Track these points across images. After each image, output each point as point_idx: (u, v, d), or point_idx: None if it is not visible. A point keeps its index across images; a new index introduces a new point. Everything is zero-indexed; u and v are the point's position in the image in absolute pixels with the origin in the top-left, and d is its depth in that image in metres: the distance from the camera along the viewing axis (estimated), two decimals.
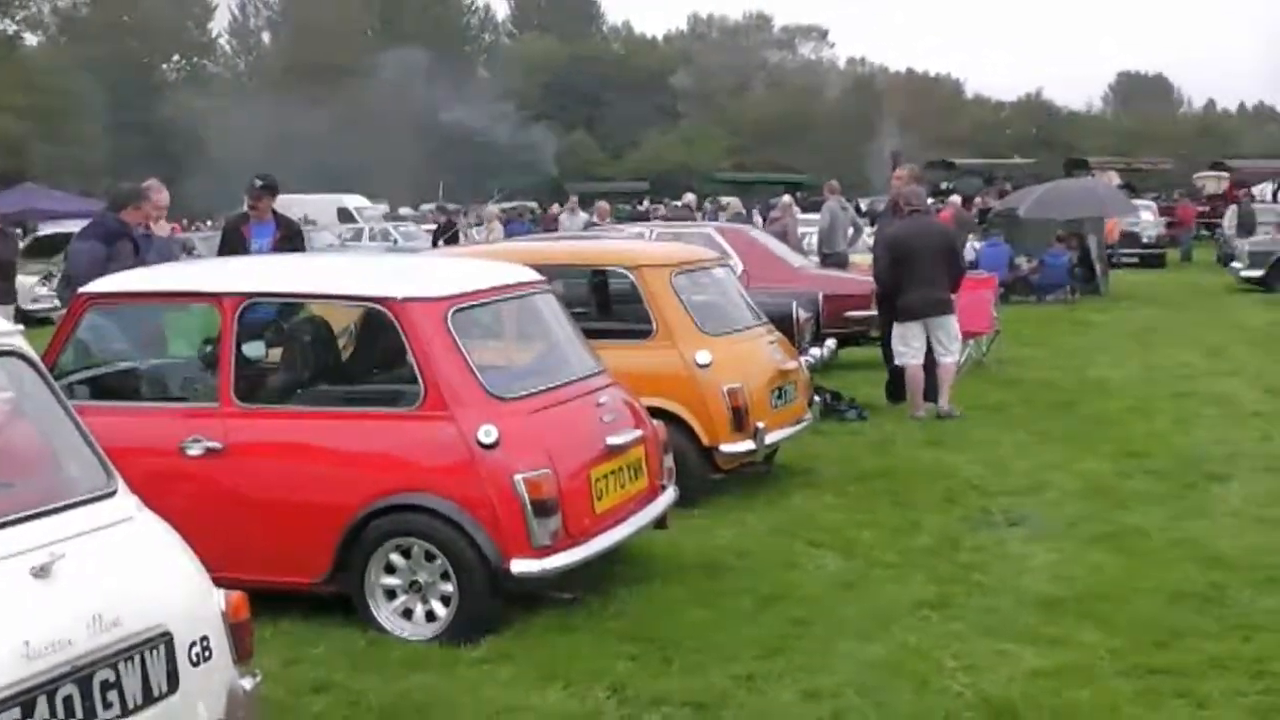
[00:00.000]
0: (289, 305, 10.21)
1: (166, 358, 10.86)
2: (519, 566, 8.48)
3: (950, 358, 16.18)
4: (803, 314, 16.89)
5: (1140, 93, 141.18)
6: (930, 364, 16.15)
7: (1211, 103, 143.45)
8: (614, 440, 9.29)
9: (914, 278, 15.89)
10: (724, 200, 44.46)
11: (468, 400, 8.67)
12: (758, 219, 39.39)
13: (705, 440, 11.87)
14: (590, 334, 10.81)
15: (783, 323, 15.11)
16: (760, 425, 12.00)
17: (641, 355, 11.86)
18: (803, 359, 14.30)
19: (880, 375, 17.39)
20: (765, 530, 11.13)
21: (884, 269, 16.12)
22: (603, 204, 34.81)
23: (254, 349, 10.02)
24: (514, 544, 8.48)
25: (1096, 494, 12.23)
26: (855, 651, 8.26)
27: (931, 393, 16.20)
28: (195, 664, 5.44)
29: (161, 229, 15.40)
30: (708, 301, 12.95)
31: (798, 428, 12.97)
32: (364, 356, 10.13)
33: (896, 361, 16.32)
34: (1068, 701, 7.42)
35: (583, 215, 32.46)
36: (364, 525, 8.66)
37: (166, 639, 5.33)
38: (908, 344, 16.02)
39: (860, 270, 21.93)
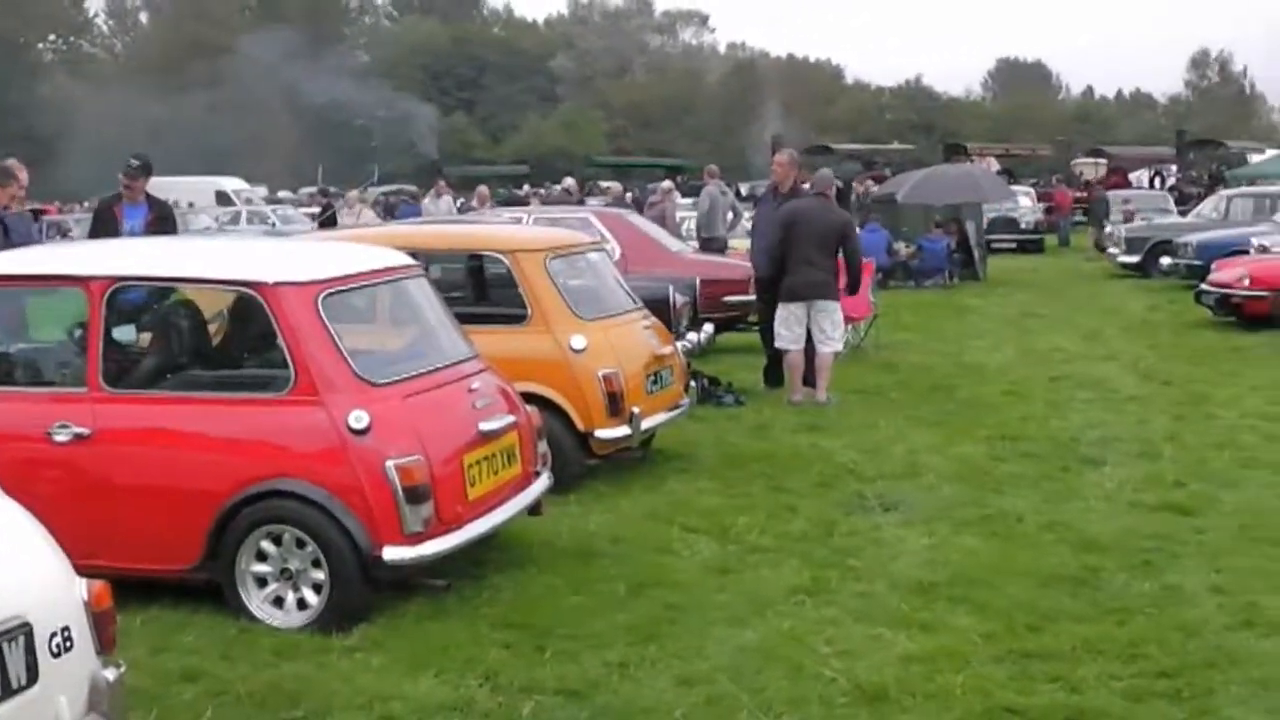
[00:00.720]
0: (159, 289, 10.03)
1: (34, 342, 10.67)
2: (391, 553, 8.41)
3: (829, 347, 16.14)
4: (680, 299, 16.86)
5: (1019, 79, 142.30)
6: (810, 350, 16.17)
7: (1090, 89, 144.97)
8: (487, 426, 9.22)
9: (800, 259, 15.89)
10: (604, 184, 44.46)
11: (339, 385, 8.58)
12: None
13: (580, 426, 11.83)
14: (465, 319, 10.75)
15: (660, 307, 15.07)
16: (636, 410, 11.97)
17: (516, 340, 11.81)
18: (679, 344, 14.27)
19: (758, 360, 17.41)
20: (640, 516, 11.08)
21: (774, 246, 16.08)
22: (482, 188, 34.55)
23: (124, 333, 9.87)
24: (386, 531, 8.40)
25: (971, 478, 12.29)
26: (729, 637, 8.25)
27: (810, 378, 16.24)
28: (56, 655, 5.31)
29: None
30: (583, 286, 12.89)
31: (674, 413, 12.97)
32: (235, 341, 9.98)
33: (776, 345, 16.32)
34: (941, 686, 7.43)
35: (447, 199, 32.13)
36: (235, 512, 8.54)
37: (25, 630, 5.20)
38: (789, 328, 16.01)
39: (739, 255, 21.93)
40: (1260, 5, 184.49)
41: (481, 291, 13.31)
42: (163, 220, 15.21)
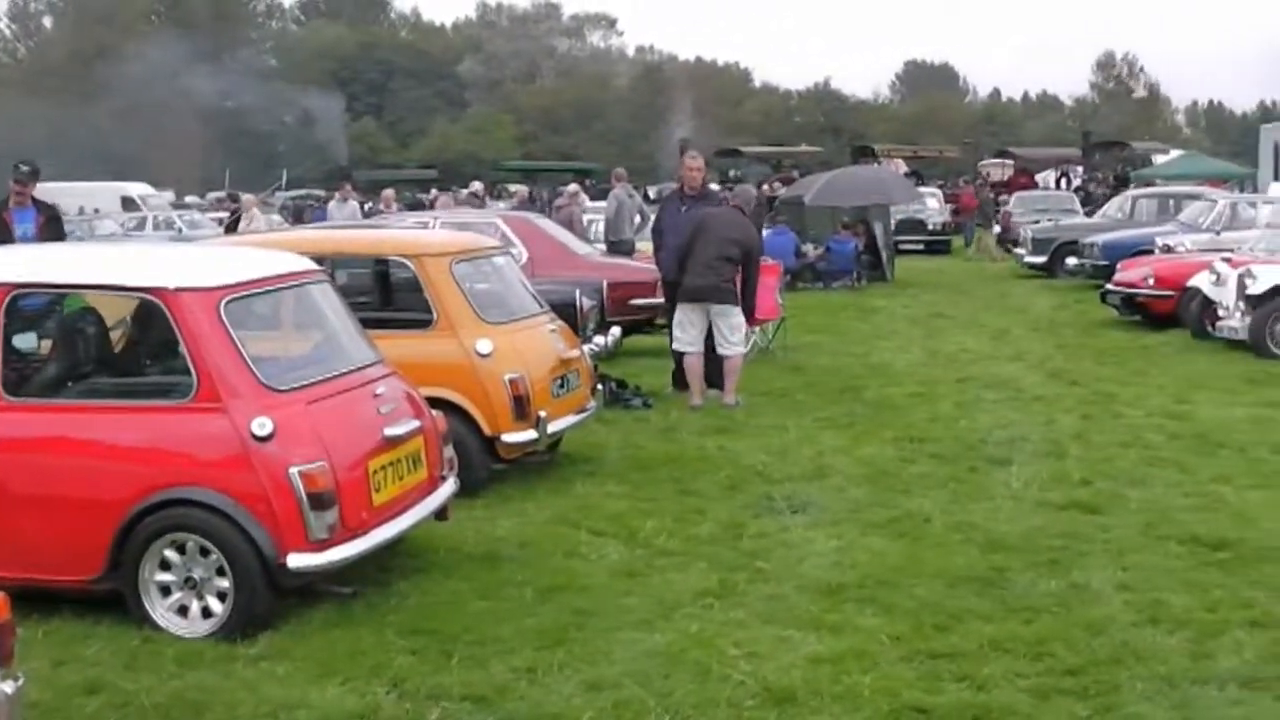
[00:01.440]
0: (59, 296, 9.91)
1: None
2: (296, 561, 8.34)
3: (733, 350, 16.15)
4: (586, 302, 16.83)
5: (927, 81, 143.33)
6: (712, 353, 16.18)
7: (997, 92, 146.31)
8: (392, 431, 9.16)
9: (701, 262, 15.89)
10: (512, 188, 44.44)
11: (241, 392, 8.50)
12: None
13: (487, 430, 11.79)
14: (371, 324, 10.72)
15: (566, 311, 15.04)
16: (542, 414, 11.95)
17: (422, 345, 11.77)
18: (586, 347, 14.25)
19: (666, 363, 17.39)
20: (547, 520, 11.05)
21: (681, 247, 16.07)
22: (388, 191, 34.39)
23: (24, 341, 9.76)
24: (290, 538, 8.33)
25: (879, 479, 12.33)
26: (637, 641, 8.22)
27: (714, 381, 16.25)
28: None
29: None
30: (489, 290, 12.84)
31: (581, 416, 12.93)
32: (137, 348, 9.89)
33: (674, 347, 16.35)
34: (848, 687, 7.44)
35: (353, 204, 31.94)
36: (138, 521, 8.44)
37: None
38: (685, 330, 16.04)
39: (646, 258, 21.92)
40: (1165, 8, 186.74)
41: (387, 296, 13.25)
42: (53, 221, 15.48)
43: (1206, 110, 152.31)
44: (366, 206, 34.86)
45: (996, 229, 44.27)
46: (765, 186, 49.40)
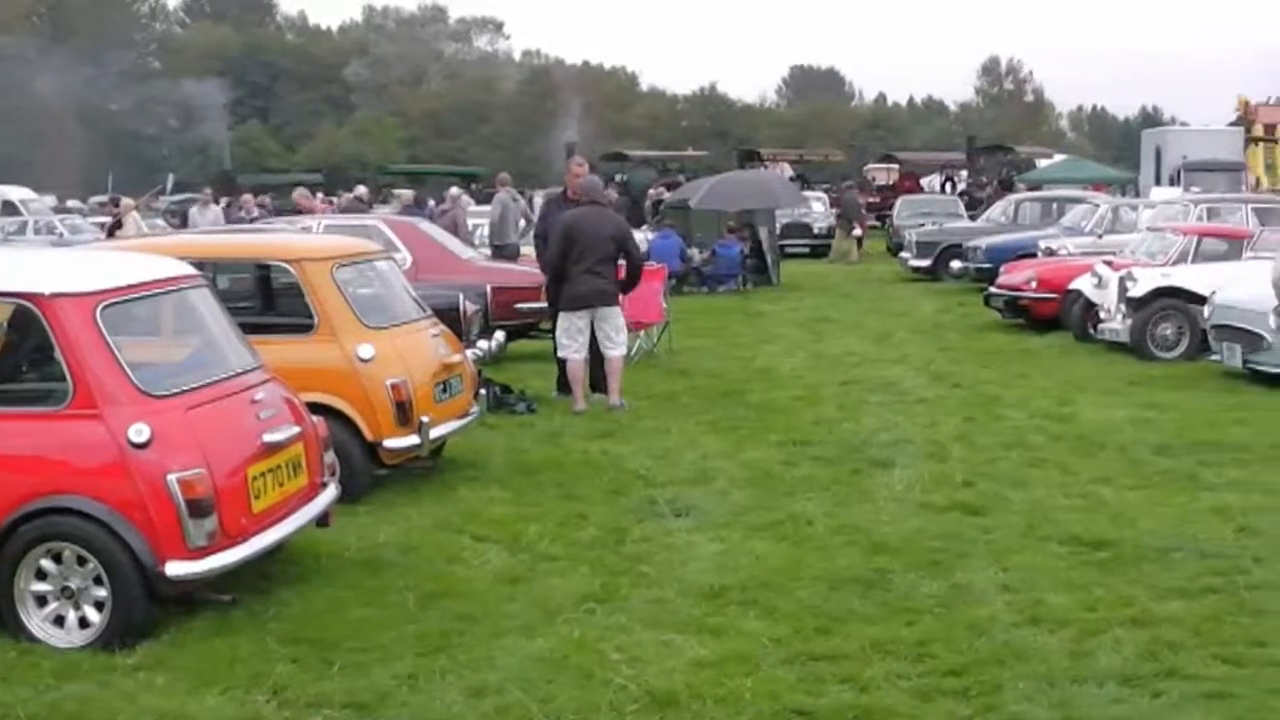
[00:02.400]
0: None
1: None
2: (174, 569, 8.26)
3: (617, 350, 16.22)
4: (470, 306, 16.76)
5: (813, 85, 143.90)
6: (596, 356, 16.21)
7: (882, 96, 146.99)
8: (271, 437, 9.09)
9: (583, 266, 15.90)
10: (397, 192, 44.26)
11: (118, 398, 8.40)
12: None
13: (369, 435, 11.71)
14: (252, 329, 10.64)
15: (450, 315, 14.97)
16: (425, 419, 11.89)
17: (303, 350, 11.68)
18: (470, 352, 14.19)
19: (551, 367, 17.37)
20: (430, 525, 11.00)
21: (555, 255, 16.05)
22: (247, 196, 34.10)
23: None
24: (169, 546, 8.25)
25: (762, 483, 12.37)
26: (519, 646, 8.21)
27: (598, 385, 16.26)
28: None
29: None
30: (371, 295, 12.78)
31: (464, 421, 12.89)
32: (12, 354, 9.71)
33: (559, 354, 16.33)
34: (730, 690, 7.45)
35: (215, 210, 31.63)
36: (12, 529, 8.32)
37: None
38: (573, 337, 16.04)
39: (531, 262, 21.89)
40: (1049, 14, 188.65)
41: (268, 301, 13.18)
42: None
43: (1090, 115, 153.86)
44: (223, 205, 34.48)
45: (856, 231, 44.57)
46: (652, 190, 49.50)
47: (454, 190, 33.21)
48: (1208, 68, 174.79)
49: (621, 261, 16.27)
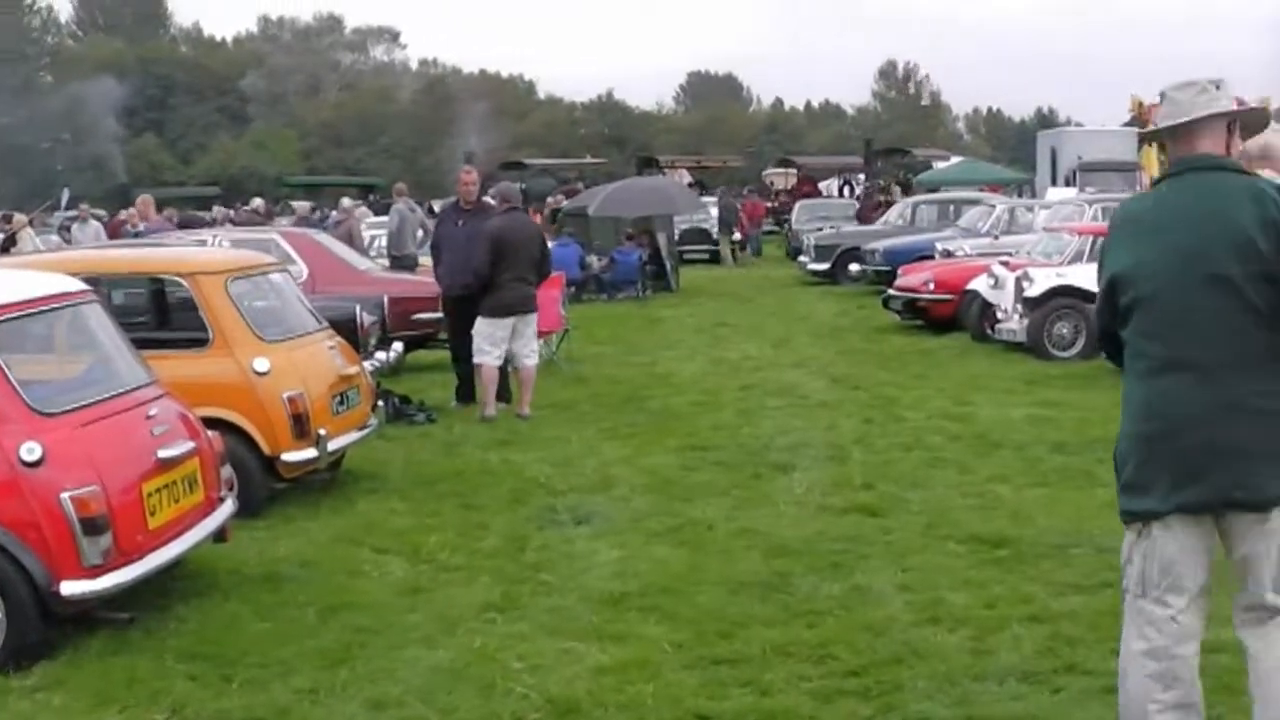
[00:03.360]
0: None
1: None
2: (69, 588, 8.17)
3: (533, 360, 16.29)
4: (367, 318, 16.69)
5: (711, 91, 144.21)
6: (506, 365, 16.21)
7: (780, 101, 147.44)
8: (166, 453, 9.01)
9: (512, 274, 15.94)
10: (295, 204, 44.06)
11: (9, 416, 8.30)
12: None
13: (266, 449, 11.61)
14: (146, 344, 10.57)
15: (347, 327, 14.93)
16: (322, 432, 11.82)
17: (198, 364, 11.57)
18: (368, 363, 14.15)
19: (450, 377, 17.34)
20: (330, 539, 10.94)
21: (485, 264, 16.01)
22: (131, 211, 33.78)
23: None
24: (63, 564, 8.15)
25: (662, 488, 12.37)
26: (421, 658, 8.17)
27: (502, 394, 16.26)
28: None
29: None
30: (266, 307, 12.69)
31: (363, 433, 12.84)
32: None
33: (477, 360, 16.23)
34: (632, 697, 7.43)
35: (95, 225, 31.31)
36: None
37: None
38: (495, 343, 16.01)
39: (429, 272, 21.85)
40: (945, 17, 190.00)
41: (162, 316, 13.10)
42: None
43: (986, 117, 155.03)
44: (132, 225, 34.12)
45: (736, 235, 44.82)
46: (550, 199, 49.48)
47: (347, 201, 33.11)
48: (1102, 69, 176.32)
49: None
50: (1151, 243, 5.83)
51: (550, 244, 31.50)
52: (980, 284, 22.47)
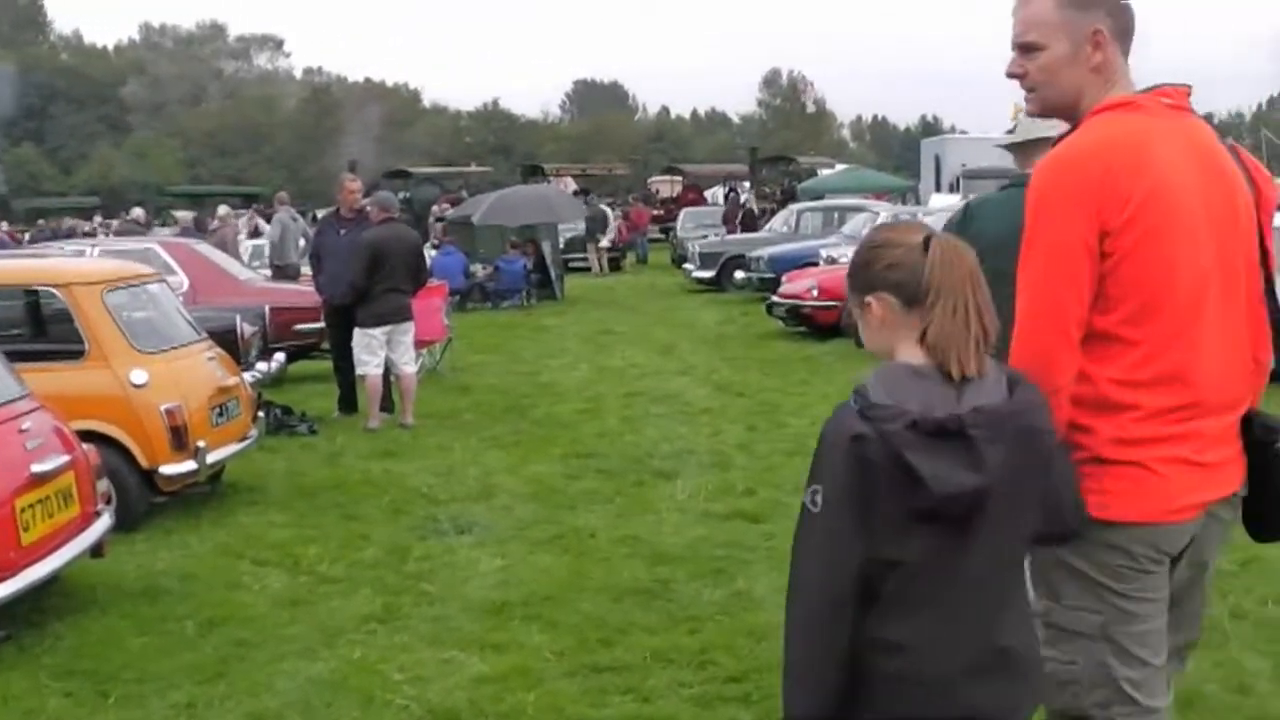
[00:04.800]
0: None
1: None
2: None
3: (412, 367, 16.27)
4: (248, 328, 16.60)
5: (597, 99, 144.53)
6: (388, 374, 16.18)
7: (665, 109, 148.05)
8: (39, 468, 8.89)
9: (388, 285, 15.92)
10: (177, 214, 43.76)
11: None
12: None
13: (144, 462, 11.47)
14: (20, 356, 10.46)
15: (228, 337, 14.83)
16: (202, 444, 11.69)
17: (74, 377, 11.40)
18: (249, 374, 14.05)
19: (332, 388, 17.25)
20: (210, 552, 10.84)
21: (361, 274, 15.96)
22: None
23: None
24: None
25: (545, 497, 12.35)
26: (300, 670, 8.11)
27: (387, 403, 16.23)
28: None
29: None
30: (144, 318, 12.54)
31: (243, 445, 12.71)
32: None
33: (359, 371, 16.19)
34: (513, 706, 7.42)
35: None
36: None
37: None
38: (373, 352, 15.94)
39: (311, 282, 21.76)
40: (830, 26, 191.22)
41: (37, 327, 12.93)
42: None
43: (871, 125, 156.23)
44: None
45: (605, 241, 44.98)
46: (435, 207, 49.36)
47: (223, 209, 32.96)
48: (986, 77, 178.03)
49: None
50: (995, 235, 5.65)
51: (434, 253, 31.68)
52: None
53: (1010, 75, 4.61)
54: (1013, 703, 3.91)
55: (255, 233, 36.52)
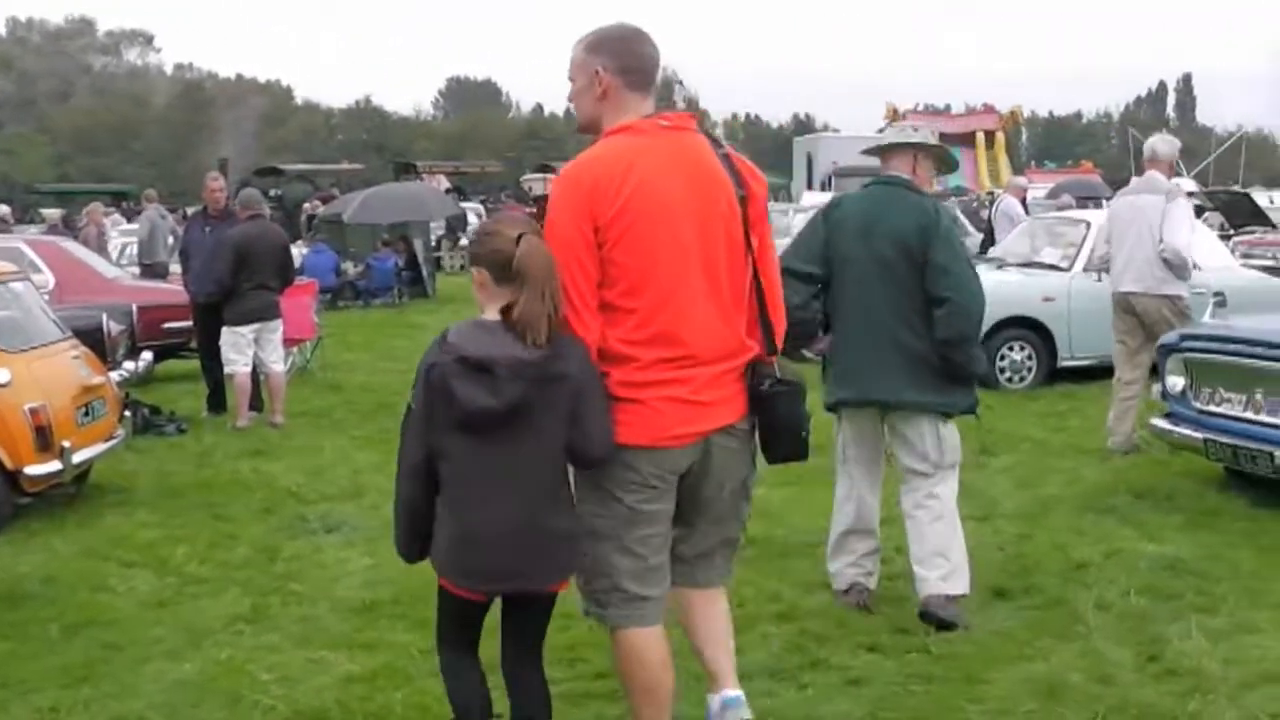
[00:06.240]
0: None
1: None
2: None
3: (281, 365, 16.19)
4: (115, 327, 16.42)
5: (470, 97, 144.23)
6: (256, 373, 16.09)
7: (539, 107, 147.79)
8: None
9: (255, 282, 15.83)
10: (45, 212, 43.30)
11: None
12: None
13: (8, 463, 11.31)
14: None
15: (94, 336, 14.67)
16: (67, 444, 11.55)
17: None
18: (115, 374, 13.92)
19: (202, 387, 17.12)
20: (75, 553, 10.69)
21: (227, 272, 15.83)
22: None
23: None
24: None
25: None
26: (166, 672, 8.03)
27: (256, 401, 16.13)
28: None
29: None
30: (6, 317, 12.38)
31: (109, 444, 12.57)
32: None
33: (228, 370, 16.09)
34: (381, 705, 7.38)
35: None
36: None
37: None
38: (241, 351, 15.86)
39: (180, 280, 21.58)
40: (698, 22, 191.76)
41: None
42: None
43: (744, 123, 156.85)
44: None
45: (463, 241, 45.02)
46: (306, 205, 49.07)
47: (91, 206, 32.67)
48: (858, 77, 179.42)
49: None
50: (849, 229, 8.62)
51: (305, 251, 31.54)
52: None
53: (567, 100, 6.07)
54: (539, 571, 5.68)
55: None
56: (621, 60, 5.85)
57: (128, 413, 13.80)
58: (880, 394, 8.60)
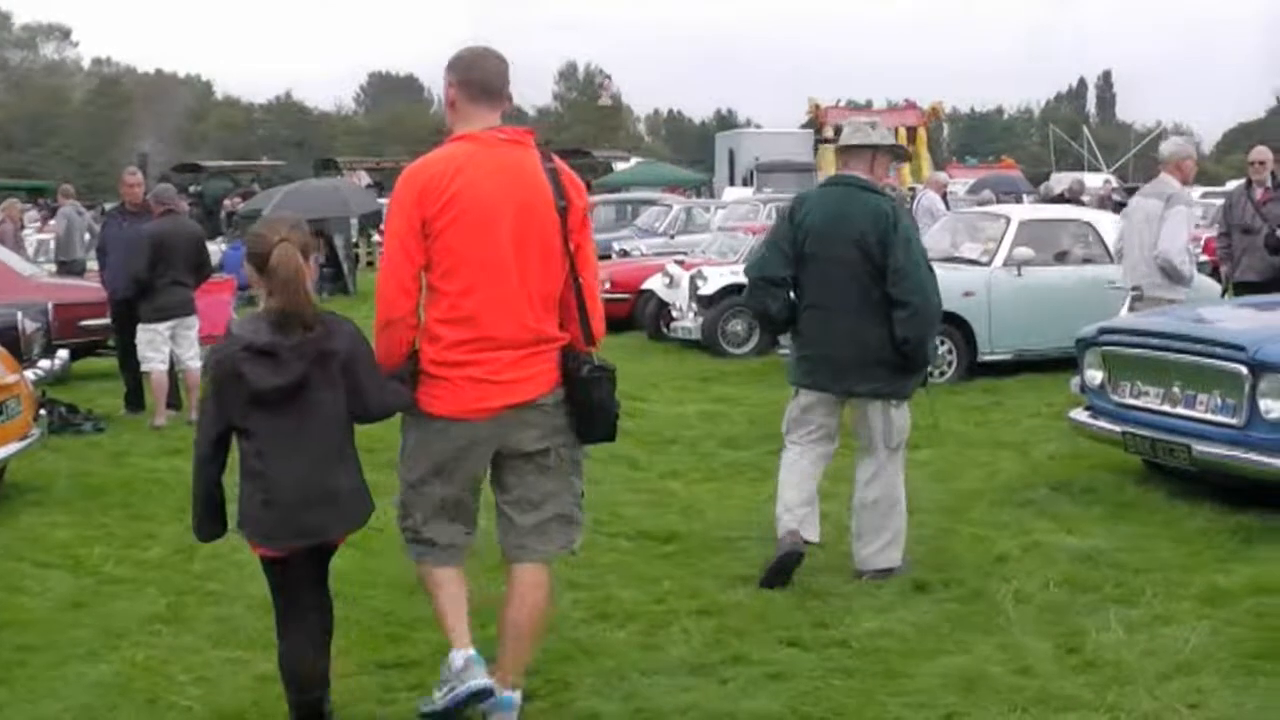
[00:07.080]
0: None
1: None
2: None
3: (197, 363, 16.02)
4: (30, 325, 16.28)
5: (391, 92, 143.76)
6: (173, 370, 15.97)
7: None
8: None
9: (170, 278, 15.72)
10: None
11: None
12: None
13: None
14: None
15: (8, 334, 14.53)
16: None
17: None
18: (30, 372, 13.77)
19: (119, 385, 16.99)
20: None
21: (142, 268, 15.69)
22: None
23: None
24: None
25: None
26: (83, 674, 7.96)
27: (174, 399, 16.02)
28: None
29: None
30: None
31: (23, 444, 12.41)
32: None
33: (144, 367, 15.97)
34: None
35: None
36: None
37: None
38: (157, 348, 15.78)
39: (96, 277, 21.38)
40: (626, 21, 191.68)
41: None
42: None
43: (666, 119, 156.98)
44: None
45: (376, 236, 44.88)
46: (226, 201, 48.79)
47: (8, 202, 32.37)
48: (780, 71, 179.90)
49: None
50: (810, 228, 9.23)
51: (225, 247, 31.33)
52: (655, 283, 22.75)
53: None
54: (333, 524, 6.77)
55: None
56: (464, 75, 6.72)
57: (44, 411, 13.67)
58: (839, 388, 9.31)
